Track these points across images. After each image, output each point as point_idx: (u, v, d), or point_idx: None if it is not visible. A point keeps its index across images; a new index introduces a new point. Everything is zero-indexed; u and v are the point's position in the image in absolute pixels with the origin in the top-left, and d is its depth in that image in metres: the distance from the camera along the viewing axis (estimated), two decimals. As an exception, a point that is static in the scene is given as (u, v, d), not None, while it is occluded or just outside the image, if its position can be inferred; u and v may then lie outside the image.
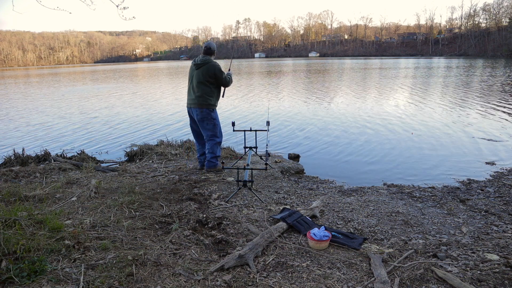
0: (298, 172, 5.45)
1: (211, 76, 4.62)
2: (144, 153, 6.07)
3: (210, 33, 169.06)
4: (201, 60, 4.64)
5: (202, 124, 4.71)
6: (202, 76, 4.61)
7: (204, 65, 4.62)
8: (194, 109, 4.71)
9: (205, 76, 4.61)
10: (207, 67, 4.62)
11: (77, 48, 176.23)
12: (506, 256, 2.50)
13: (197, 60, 4.68)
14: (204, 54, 4.70)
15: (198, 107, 4.65)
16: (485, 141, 7.33)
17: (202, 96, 4.63)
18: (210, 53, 4.70)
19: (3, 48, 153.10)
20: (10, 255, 2.30)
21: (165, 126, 9.82)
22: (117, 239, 2.72)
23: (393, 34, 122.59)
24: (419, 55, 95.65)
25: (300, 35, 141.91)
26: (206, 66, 4.62)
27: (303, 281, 2.29)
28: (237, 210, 3.50)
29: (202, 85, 4.63)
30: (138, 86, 23.91)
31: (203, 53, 4.71)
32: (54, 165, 5.21)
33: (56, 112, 12.93)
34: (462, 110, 11.13)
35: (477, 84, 18.82)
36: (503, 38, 72.57)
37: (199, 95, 4.63)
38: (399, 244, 2.86)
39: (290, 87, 19.98)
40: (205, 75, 4.61)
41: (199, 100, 4.63)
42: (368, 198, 4.09)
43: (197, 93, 4.64)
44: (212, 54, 4.72)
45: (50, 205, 3.48)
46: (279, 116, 10.67)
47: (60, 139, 8.55)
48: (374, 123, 9.49)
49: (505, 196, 4.22)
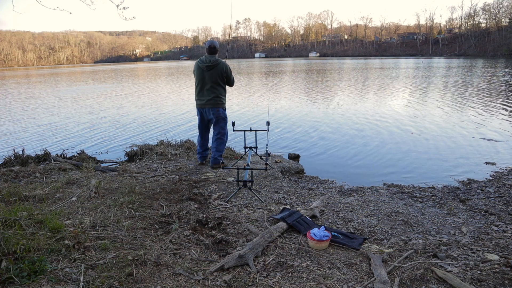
0: (298, 172, 5.45)
1: (225, 76, 4.72)
2: (144, 153, 6.07)
3: (210, 33, 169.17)
4: (212, 61, 4.64)
5: (217, 123, 4.85)
6: (216, 77, 4.67)
7: (216, 65, 4.65)
8: (209, 109, 4.79)
9: (220, 76, 4.68)
10: (220, 67, 4.66)
11: (77, 48, 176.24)
12: (506, 256, 2.50)
13: (207, 61, 4.66)
14: (210, 54, 4.69)
15: (214, 107, 4.76)
16: (485, 141, 7.33)
17: (218, 96, 4.74)
18: (215, 52, 4.71)
19: (3, 48, 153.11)
20: (10, 255, 2.30)
21: (165, 126, 9.82)
22: (117, 239, 2.72)
23: (393, 34, 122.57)
24: (419, 55, 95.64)
25: (300, 35, 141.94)
26: (218, 66, 4.65)
27: (303, 281, 2.29)
28: (237, 210, 3.50)
29: (217, 85, 4.71)
30: (138, 86, 23.91)
31: (209, 53, 4.70)
32: (54, 165, 5.20)
33: (56, 112, 12.93)
34: (462, 110, 11.13)
35: (477, 84, 18.82)
36: (503, 38, 72.54)
37: (215, 96, 4.73)
38: (399, 244, 2.86)
39: (290, 87, 19.98)
40: (219, 75, 4.68)
41: (215, 100, 4.74)
42: (368, 198, 4.09)
43: (212, 93, 4.71)
44: (217, 53, 4.75)
45: (50, 205, 3.48)
46: (279, 116, 10.67)
47: (60, 139, 8.55)
48: (374, 123, 9.49)
49: (505, 196, 4.22)
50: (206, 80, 4.70)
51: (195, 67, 4.83)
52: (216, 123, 4.89)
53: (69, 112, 12.86)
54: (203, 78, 4.71)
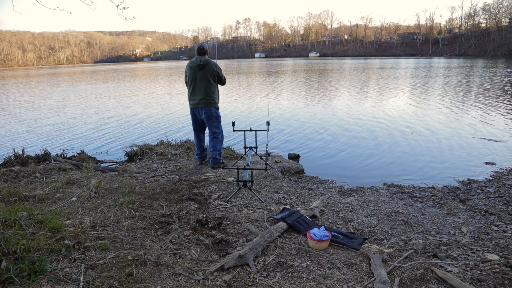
0: (298, 172, 5.45)
1: (215, 74, 4.82)
2: (144, 153, 6.07)
3: (210, 33, 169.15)
4: (202, 61, 4.78)
5: (209, 122, 4.90)
6: (208, 76, 4.78)
7: (206, 65, 4.78)
8: (201, 108, 4.87)
9: (211, 75, 4.79)
10: (210, 66, 4.79)
11: (77, 48, 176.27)
12: (506, 256, 2.49)
13: (197, 61, 4.80)
14: (200, 55, 4.83)
15: (206, 106, 4.83)
16: (485, 141, 7.33)
17: (210, 95, 4.83)
18: (204, 53, 4.87)
19: (3, 48, 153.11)
20: (10, 255, 2.29)
21: (165, 126, 9.82)
22: (117, 239, 2.72)
23: (393, 34, 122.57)
24: (419, 55, 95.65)
25: (300, 35, 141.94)
26: (209, 65, 4.79)
27: (303, 281, 2.29)
28: (237, 210, 3.50)
29: (209, 84, 4.81)
30: (138, 86, 23.91)
31: (198, 54, 4.85)
32: (54, 165, 5.20)
33: (56, 112, 12.93)
34: (462, 110, 11.13)
35: (477, 84, 18.82)
36: (503, 38, 72.52)
37: (207, 95, 4.82)
38: (399, 244, 2.86)
39: (290, 87, 19.98)
40: (210, 74, 4.79)
41: (207, 99, 4.82)
42: (368, 198, 4.09)
43: (204, 93, 4.81)
44: (206, 54, 4.89)
45: (50, 205, 3.48)
46: (279, 116, 10.67)
47: (60, 139, 8.55)
48: (374, 123, 9.48)
49: (505, 196, 4.22)
50: (198, 80, 4.81)
51: (186, 69, 4.93)
52: (209, 123, 4.92)
53: (70, 112, 12.86)
54: (195, 78, 4.83)
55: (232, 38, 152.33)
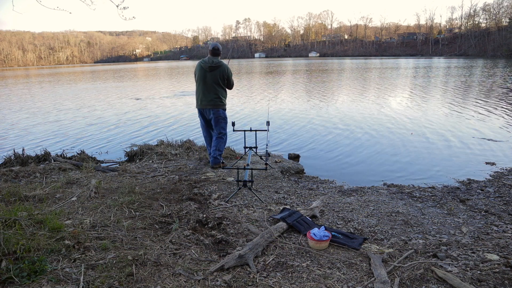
0: (298, 172, 5.45)
1: (226, 78, 4.81)
2: (144, 153, 6.07)
3: (210, 33, 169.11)
4: (215, 62, 4.75)
5: (216, 123, 4.92)
6: (218, 78, 4.76)
7: (218, 67, 4.76)
8: (209, 109, 4.87)
9: (221, 78, 4.78)
10: (222, 69, 4.77)
11: (77, 48, 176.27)
12: (506, 256, 2.49)
13: (209, 62, 4.76)
14: (213, 56, 4.79)
15: (214, 107, 4.84)
16: (485, 141, 7.33)
17: (218, 97, 4.83)
18: (218, 54, 4.83)
19: (3, 48, 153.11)
20: (10, 255, 2.29)
21: (165, 126, 9.82)
22: (117, 239, 2.72)
23: (393, 34, 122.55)
24: (419, 55, 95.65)
25: (300, 35, 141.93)
26: (221, 68, 4.76)
27: (303, 281, 2.29)
28: (237, 210, 3.50)
29: (218, 86, 4.80)
30: (138, 86, 23.91)
31: (212, 55, 4.80)
32: (54, 165, 5.20)
33: (56, 112, 12.92)
34: (462, 110, 11.13)
35: (477, 84, 18.82)
36: (503, 38, 72.51)
37: (216, 97, 4.81)
38: (399, 244, 2.86)
39: (290, 87, 19.97)
40: (221, 77, 4.78)
41: (215, 101, 4.82)
42: (368, 198, 4.09)
43: (213, 94, 4.80)
44: (220, 55, 4.86)
45: (50, 205, 3.48)
46: (279, 116, 10.67)
47: (60, 139, 8.55)
48: (374, 123, 9.49)
49: (505, 196, 4.22)
50: (207, 80, 4.78)
51: (197, 67, 4.88)
52: (216, 123, 4.93)
53: (70, 112, 12.85)
54: (205, 78, 4.79)
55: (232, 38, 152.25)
